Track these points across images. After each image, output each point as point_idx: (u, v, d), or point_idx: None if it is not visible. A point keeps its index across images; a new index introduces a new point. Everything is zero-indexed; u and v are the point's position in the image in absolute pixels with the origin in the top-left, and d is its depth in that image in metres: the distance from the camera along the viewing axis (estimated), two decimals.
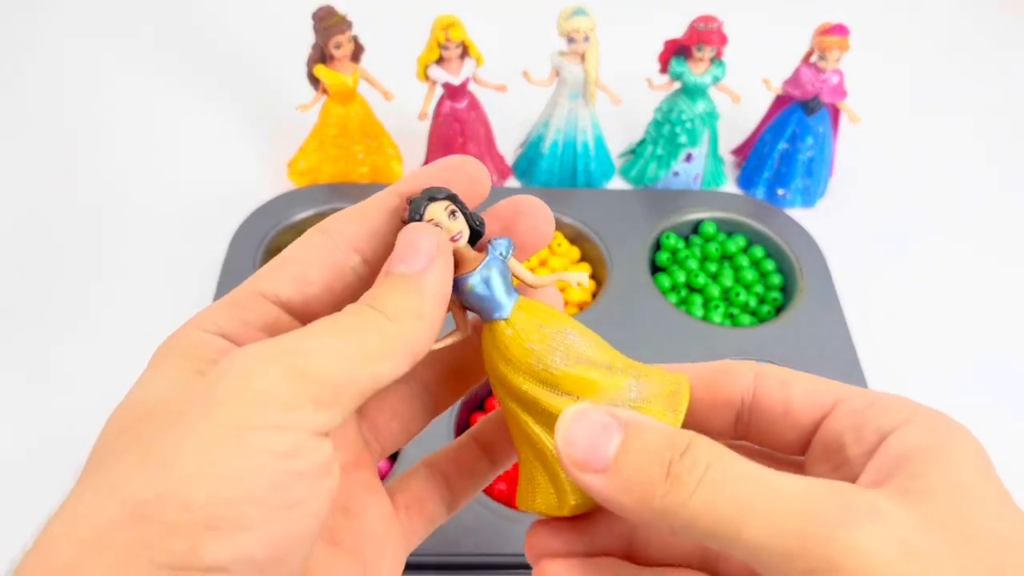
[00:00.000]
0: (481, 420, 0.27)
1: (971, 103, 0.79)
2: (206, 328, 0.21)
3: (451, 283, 0.22)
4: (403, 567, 0.25)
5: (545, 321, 0.22)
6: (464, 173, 0.23)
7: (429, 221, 0.22)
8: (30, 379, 0.52)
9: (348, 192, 0.60)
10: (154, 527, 0.16)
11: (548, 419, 0.22)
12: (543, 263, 0.58)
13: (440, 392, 0.26)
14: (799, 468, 0.23)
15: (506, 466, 0.27)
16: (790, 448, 0.23)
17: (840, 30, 0.58)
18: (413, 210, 0.22)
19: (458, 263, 0.23)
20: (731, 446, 0.20)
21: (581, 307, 0.56)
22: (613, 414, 0.20)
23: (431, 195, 0.22)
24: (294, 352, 0.19)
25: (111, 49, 0.77)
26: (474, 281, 0.22)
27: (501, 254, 0.22)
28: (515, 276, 0.24)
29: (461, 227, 0.22)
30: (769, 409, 0.23)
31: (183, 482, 0.17)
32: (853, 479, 0.20)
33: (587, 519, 0.23)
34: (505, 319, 0.22)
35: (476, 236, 0.23)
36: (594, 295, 0.57)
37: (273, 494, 0.17)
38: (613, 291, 0.56)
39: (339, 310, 0.21)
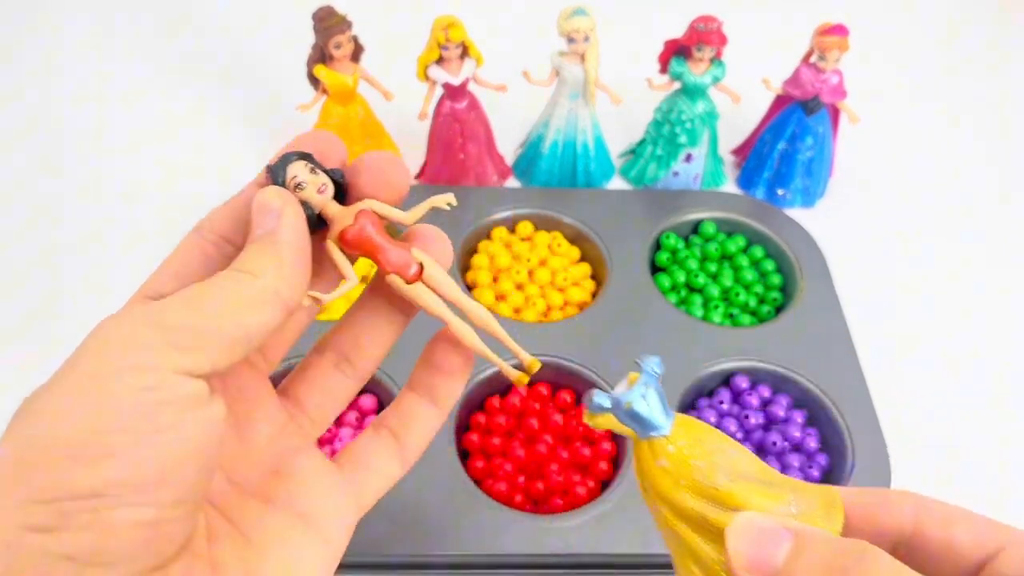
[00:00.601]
0: (415, 366, 0.29)
1: (971, 103, 0.79)
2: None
3: (306, 231, 0.23)
4: (354, 522, 0.26)
5: (705, 438, 0.23)
6: (321, 139, 0.25)
7: (292, 179, 0.23)
8: (30, 380, 0.52)
9: None
10: (17, 470, 0.18)
11: (716, 535, 0.22)
12: (543, 263, 0.58)
13: (360, 360, 0.28)
14: None
15: (449, 406, 0.29)
16: None
17: (840, 30, 0.58)
18: (273, 174, 0.23)
19: (330, 218, 0.24)
20: None
21: (581, 307, 0.56)
22: (782, 522, 0.20)
23: (286, 158, 0.23)
24: (154, 310, 0.21)
25: (111, 49, 0.77)
26: (634, 399, 0.22)
27: (654, 370, 0.23)
28: (384, 217, 0.25)
29: (324, 180, 0.24)
30: (930, 547, 0.22)
31: (45, 425, 0.19)
32: None
33: None
34: (667, 436, 0.22)
35: (340, 189, 0.24)
36: (594, 295, 0.57)
37: (135, 422, 0.19)
38: (613, 291, 0.56)
39: None
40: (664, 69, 0.61)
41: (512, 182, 0.67)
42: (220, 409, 0.21)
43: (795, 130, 0.63)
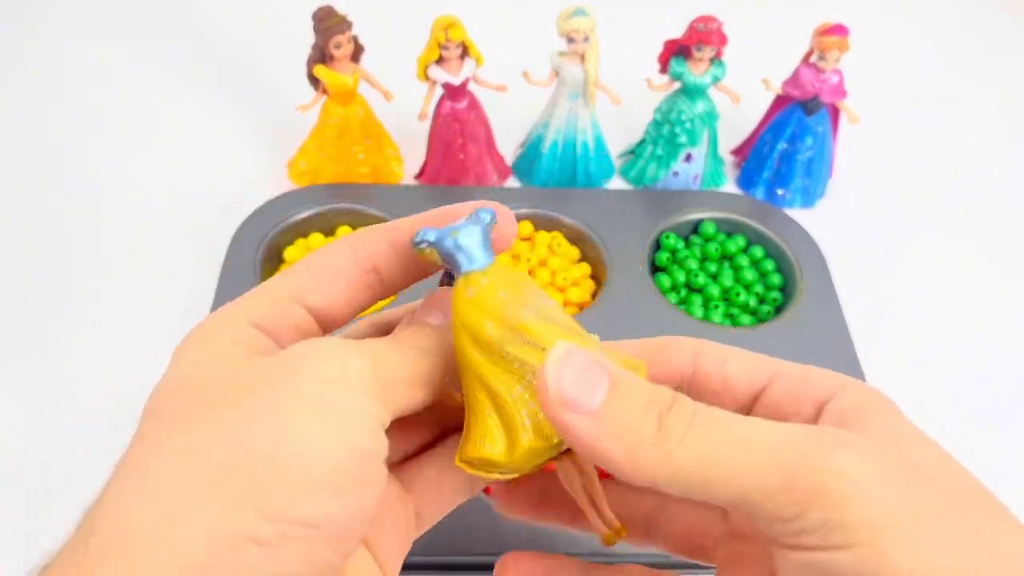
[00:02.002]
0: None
1: (971, 103, 0.79)
2: (249, 319, 0.22)
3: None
4: (409, 544, 0.27)
5: (521, 280, 0.23)
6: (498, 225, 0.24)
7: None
8: (32, 377, 0.52)
9: (348, 192, 0.60)
10: (259, 479, 0.18)
11: (508, 364, 0.22)
12: (543, 263, 0.58)
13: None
14: None
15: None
16: None
17: (840, 30, 0.58)
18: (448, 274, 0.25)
19: None
20: None
21: (581, 307, 0.56)
22: (601, 361, 0.20)
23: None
24: (369, 351, 0.21)
25: (111, 49, 0.78)
26: (459, 230, 0.23)
27: (484, 218, 0.24)
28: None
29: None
30: (707, 384, 0.23)
31: (287, 446, 0.18)
32: None
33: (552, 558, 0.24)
34: (481, 270, 0.23)
35: None
36: (594, 295, 0.57)
37: (360, 468, 0.19)
38: (613, 291, 0.56)
39: (349, 322, 0.24)
40: (664, 69, 0.61)
41: (512, 182, 0.67)
42: (386, 471, 0.21)
43: (795, 130, 0.63)
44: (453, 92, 0.59)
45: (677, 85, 0.61)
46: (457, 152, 0.62)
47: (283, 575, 0.18)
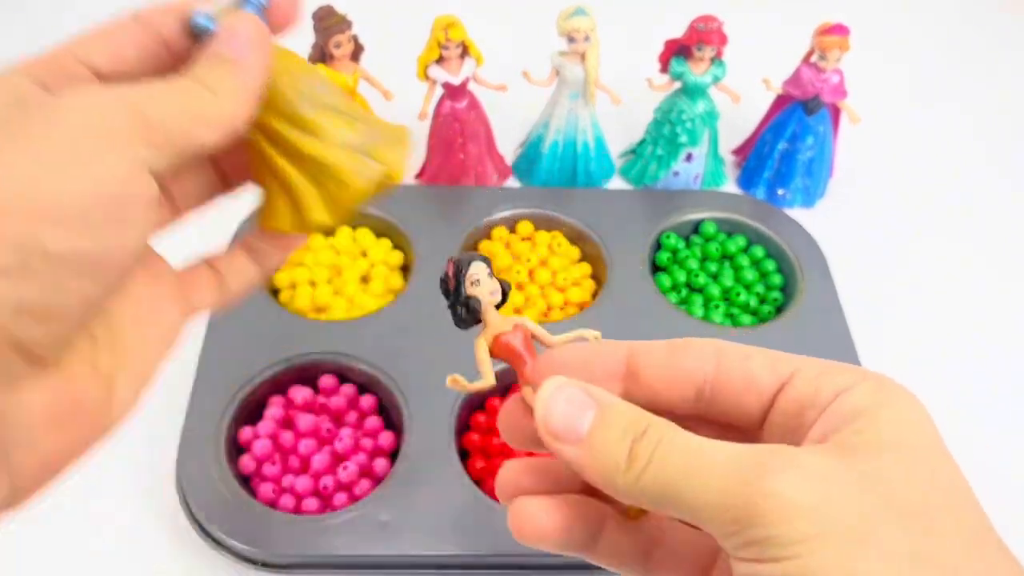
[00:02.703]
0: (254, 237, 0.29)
1: (971, 103, 0.79)
2: (29, 74, 0.22)
3: (264, 74, 0.24)
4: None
5: (295, 68, 0.25)
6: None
7: (473, 275, 0.25)
8: None
9: None
10: (2, 208, 0.19)
11: (289, 149, 0.25)
12: (543, 263, 0.58)
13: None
14: (758, 440, 0.24)
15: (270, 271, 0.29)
16: (752, 421, 0.24)
17: (840, 30, 0.58)
18: (457, 266, 0.25)
19: (487, 321, 0.26)
20: (693, 424, 0.23)
21: (581, 307, 0.56)
22: (588, 392, 0.22)
23: (472, 256, 0.25)
24: (136, 96, 0.21)
25: None
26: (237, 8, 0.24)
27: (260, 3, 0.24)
28: (536, 337, 0.27)
29: (497, 287, 0.26)
30: (731, 382, 0.24)
31: (29, 172, 0.19)
32: (806, 433, 0.22)
33: (552, 464, 0.25)
34: None
35: (503, 298, 0.26)
36: (594, 295, 0.57)
37: (115, 208, 0.20)
38: (613, 291, 0.56)
39: None
40: (664, 69, 0.61)
41: (512, 182, 0.67)
42: (159, 215, 0.23)
43: (795, 130, 0.63)
44: (453, 92, 0.59)
45: (677, 85, 0.61)
46: (457, 152, 0.62)
47: (29, 302, 0.19)
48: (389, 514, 0.43)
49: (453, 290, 0.25)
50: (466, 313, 0.25)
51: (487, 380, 0.26)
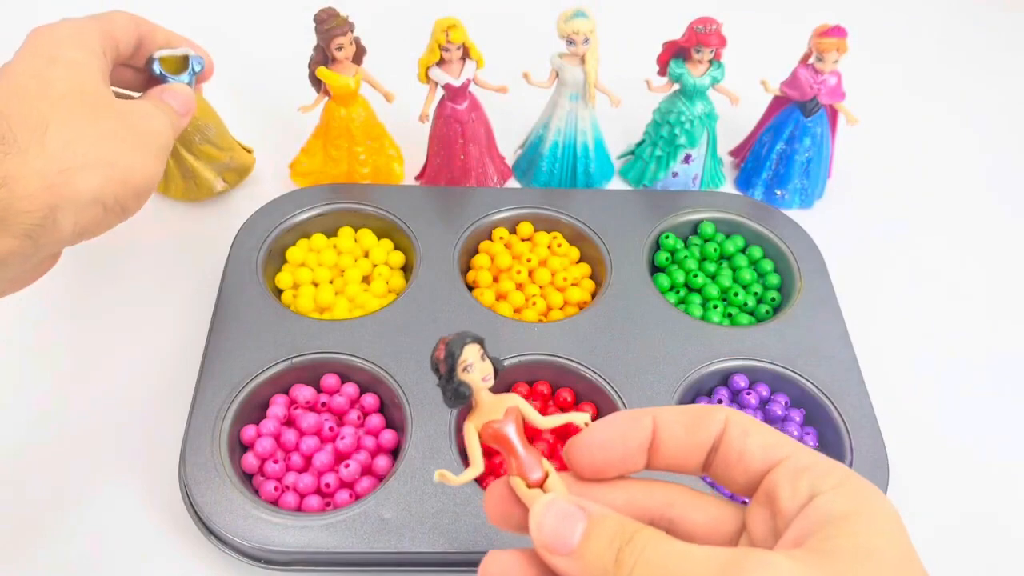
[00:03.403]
0: None
1: (969, 104, 0.80)
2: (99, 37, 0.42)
3: (189, 119, 0.45)
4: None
5: (202, 112, 0.47)
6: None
7: (464, 360, 0.25)
8: (35, 371, 0.52)
9: (350, 192, 0.61)
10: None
11: (182, 156, 0.48)
12: (543, 263, 0.58)
13: None
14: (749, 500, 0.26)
15: None
16: (742, 490, 0.25)
17: (838, 32, 0.58)
18: (449, 350, 0.25)
19: (479, 404, 0.26)
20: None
21: (581, 307, 0.57)
22: (580, 504, 0.24)
23: (464, 337, 0.25)
24: (165, 107, 0.44)
25: None
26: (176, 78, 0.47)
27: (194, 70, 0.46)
28: (527, 420, 0.26)
29: (490, 370, 0.25)
30: (728, 454, 0.25)
31: (131, 164, 0.38)
32: (783, 530, 0.23)
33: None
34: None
35: (495, 375, 0.26)
36: (594, 295, 0.58)
37: (151, 187, 0.39)
38: (612, 291, 0.56)
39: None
40: (663, 71, 0.61)
41: (512, 183, 0.67)
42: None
43: (793, 131, 0.63)
44: (454, 93, 0.60)
45: (676, 86, 0.62)
46: (458, 153, 0.62)
47: (106, 203, 0.36)
48: (391, 512, 0.44)
49: (445, 374, 0.25)
50: (455, 397, 0.25)
51: (476, 468, 0.26)
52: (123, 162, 0.36)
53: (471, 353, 0.25)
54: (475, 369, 0.25)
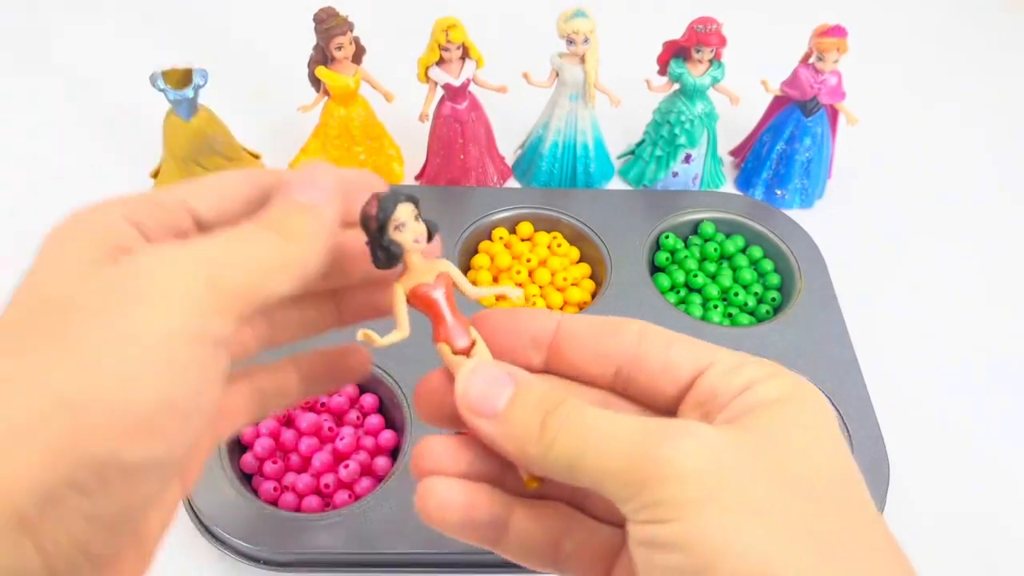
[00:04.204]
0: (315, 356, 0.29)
1: (970, 104, 0.79)
2: (126, 213, 0.21)
3: (337, 220, 0.23)
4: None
5: (214, 129, 0.43)
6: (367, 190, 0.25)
7: (396, 219, 0.23)
8: None
9: None
10: (80, 424, 0.18)
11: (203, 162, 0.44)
12: (543, 263, 0.58)
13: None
14: None
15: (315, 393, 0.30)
16: (668, 404, 0.25)
17: (838, 31, 0.58)
18: (382, 206, 0.23)
19: (409, 266, 0.25)
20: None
21: (581, 307, 0.57)
22: (507, 370, 0.23)
23: (397, 196, 0.23)
24: (210, 260, 0.20)
25: (112, 49, 0.78)
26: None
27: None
28: (457, 287, 0.25)
29: (423, 230, 0.24)
30: (650, 366, 0.25)
31: (108, 383, 0.18)
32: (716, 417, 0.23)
33: (473, 444, 0.25)
34: None
35: (429, 238, 0.25)
36: (594, 295, 0.58)
37: (188, 402, 0.19)
38: (613, 291, 0.56)
39: None
40: (663, 71, 0.61)
41: (512, 183, 0.67)
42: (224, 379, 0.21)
43: (793, 131, 0.63)
44: (454, 93, 0.60)
45: (676, 86, 0.62)
46: (458, 153, 0.62)
47: (102, 515, 0.18)
48: (390, 512, 0.44)
49: (375, 231, 0.23)
50: (386, 257, 0.24)
51: (402, 331, 0.25)
52: (94, 393, 0.18)
53: (404, 212, 0.23)
54: (407, 229, 0.23)
